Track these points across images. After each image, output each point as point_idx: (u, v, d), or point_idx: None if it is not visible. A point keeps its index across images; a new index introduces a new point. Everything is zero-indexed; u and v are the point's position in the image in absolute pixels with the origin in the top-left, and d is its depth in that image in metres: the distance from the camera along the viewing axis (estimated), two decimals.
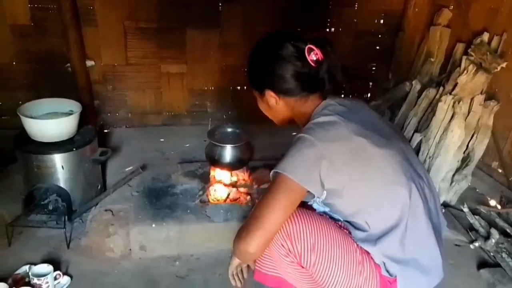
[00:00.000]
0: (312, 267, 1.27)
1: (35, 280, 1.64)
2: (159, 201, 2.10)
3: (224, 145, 2.08)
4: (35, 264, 1.75)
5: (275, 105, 1.43)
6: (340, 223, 1.38)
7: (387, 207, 1.28)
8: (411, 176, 1.31)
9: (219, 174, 2.18)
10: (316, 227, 1.27)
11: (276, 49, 1.36)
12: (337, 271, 1.26)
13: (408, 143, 1.45)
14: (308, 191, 1.25)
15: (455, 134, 2.40)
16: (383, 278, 1.29)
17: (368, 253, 1.30)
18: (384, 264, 1.29)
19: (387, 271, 1.28)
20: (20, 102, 2.12)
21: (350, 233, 1.35)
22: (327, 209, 1.40)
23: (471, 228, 2.23)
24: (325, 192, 1.28)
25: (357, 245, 1.31)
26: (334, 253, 1.26)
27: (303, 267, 1.29)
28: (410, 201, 1.27)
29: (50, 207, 2.03)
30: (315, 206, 1.42)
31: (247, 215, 2.00)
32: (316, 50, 1.34)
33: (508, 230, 2.14)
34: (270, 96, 1.41)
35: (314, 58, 1.34)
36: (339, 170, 1.24)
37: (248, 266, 1.63)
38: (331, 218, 1.40)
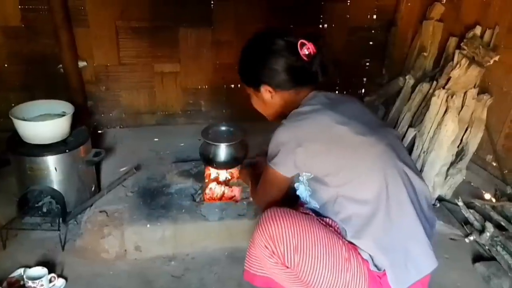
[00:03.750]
0: (297, 267, 1.27)
1: (30, 283, 1.64)
2: (154, 201, 2.10)
3: (218, 143, 2.07)
4: (30, 266, 1.75)
5: (270, 100, 1.50)
6: (327, 220, 1.38)
7: (363, 194, 1.31)
8: (394, 163, 1.34)
9: (213, 173, 2.18)
10: (299, 227, 1.28)
11: (269, 44, 1.44)
12: (322, 269, 1.26)
13: (397, 138, 1.47)
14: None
15: (449, 128, 2.41)
16: (371, 273, 1.29)
17: (355, 249, 1.31)
18: (372, 258, 1.29)
19: (375, 266, 1.29)
20: (13, 104, 2.10)
21: (337, 229, 1.36)
22: (308, 193, 1.45)
23: (466, 222, 2.24)
24: (309, 174, 1.40)
25: (343, 242, 1.31)
26: (318, 252, 1.27)
27: (288, 268, 1.29)
28: (387, 189, 1.29)
29: (44, 209, 2.02)
30: (300, 187, 1.48)
31: (242, 214, 2.03)
32: (308, 45, 1.42)
33: (502, 224, 2.15)
34: (266, 91, 1.47)
35: (307, 52, 1.42)
36: (317, 157, 1.34)
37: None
38: (316, 214, 1.42)
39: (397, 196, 1.31)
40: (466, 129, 2.50)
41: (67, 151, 2.03)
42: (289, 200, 1.54)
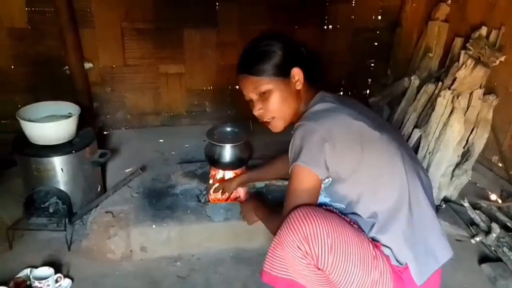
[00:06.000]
0: (330, 267, 1.23)
1: (36, 283, 1.64)
2: (159, 202, 2.11)
3: (223, 144, 2.07)
4: (36, 267, 1.75)
5: (294, 91, 1.45)
6: (349, 218, 1.37)
7: (386, 188, 1.33)
8: (408, 160, 1.37)
9: (219, 174, 2.18)
10: (332, 226, 1.23)
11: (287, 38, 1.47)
12: (354, 269, 1.23)
13: (402, 136, 1.49)
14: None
15: (454, 129, 2.40)
16: (394, 269, 1.30)
17: (378, 246, 1.31)
18: (393, 253, 1.30)
19: (397, 261, 1.30)
20: (19, 106, 2.12)
21: (359, 227, 1.36)
22: (327, 200, 1.42)
23: (472, 223, 2.23)
24: (330, 178, 1.35)
25: (369, 239, 1.31)
26: (350, 251, 1.23)
27: (319, 269, 1.24)
28: (408, 182, 1.33)
29: (51, 210, 2.03)
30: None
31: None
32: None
33: (509, 224, 2.14)
34: (296, 75, 1.43)
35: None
36: (341, 154, 1.31)
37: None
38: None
39: (415, 190, 1.34)
40: (472, 130, 2.49)
41: (73, 152, 2.04)
42: None
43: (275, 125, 1.49)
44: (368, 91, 3.35)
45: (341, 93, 3.22)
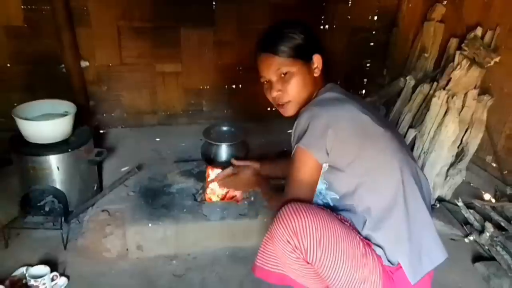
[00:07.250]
0: (318, 262, 1.25)
1: (32, 282, 1.65)
2: (156, 201, 2.11)
3: (220, 143, 2.08)
4: (32, 265, 1.75)
5: (312, 77, 1.47)
6: (341, 216, 1.38)
7: (383, 184, 1.34)
8: (407, 159, 1.39)
9: (215, 173, 2.19)
10: (321, 222, 1.26)
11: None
12: (342, 265, 1.26)
13: (403, 138, 1.51)
14: None
15: (449, 129, 2.41)
16: (385, 269, 1.31)
17: (369, 245, 1.32)
18: (385, 253, 1.31)
19: (389, 261, 1.31)
20: (15, 104, 2.11)
21: (351, 225, 1.37)
22: (324, 186, 1.43)
23: (465, 222, 2.25)
24: (327, 164, 1.37)
25: (360, 237, 1.32)
26: (339, 247, 1.26)
27: (308, 263, 1.27)
28: (406, 182, 1.34)
29: (47, 209, 2.03)
30: None
31: (243, 214, 2.03)
32: None
33: (502, 224, 2.15)
34: (317, 61, 1.46)
35: None
36: (343, 143, 1.33)
37: None
38: (330, 208, 1.42)
39: (412, 190, 1.36)
40: (467, 130, 2.51)
41: (69, 150, 2.04)
42: None
43: (289, 109, 1.49)
44: (364, 91, 3.36)
45: None
